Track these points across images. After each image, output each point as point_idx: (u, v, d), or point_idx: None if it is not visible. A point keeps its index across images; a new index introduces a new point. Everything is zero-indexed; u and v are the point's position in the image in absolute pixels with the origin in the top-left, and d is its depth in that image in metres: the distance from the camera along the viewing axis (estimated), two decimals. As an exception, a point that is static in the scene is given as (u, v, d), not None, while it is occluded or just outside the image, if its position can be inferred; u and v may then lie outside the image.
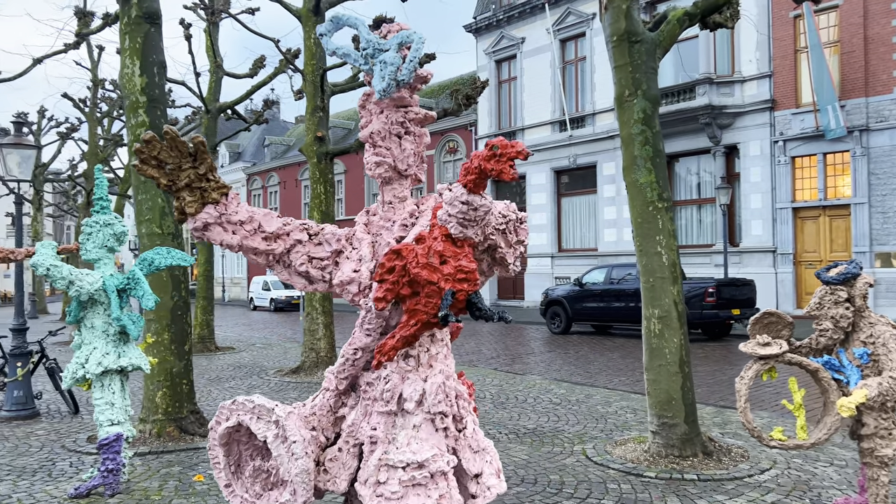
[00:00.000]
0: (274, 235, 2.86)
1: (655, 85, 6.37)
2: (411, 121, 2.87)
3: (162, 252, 5.32)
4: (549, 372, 11.27)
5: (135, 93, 6.88)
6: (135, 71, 6.89)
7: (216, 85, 16.17)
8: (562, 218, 25.12)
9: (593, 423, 7.47)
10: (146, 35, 6.95)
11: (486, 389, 9.54)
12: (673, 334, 6.07)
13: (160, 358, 6.86)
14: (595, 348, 14.42)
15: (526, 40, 25.72)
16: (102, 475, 5.01)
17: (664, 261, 6.15)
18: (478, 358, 13.16)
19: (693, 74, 20.19)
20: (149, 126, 6.91)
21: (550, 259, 25.02)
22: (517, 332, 18.59)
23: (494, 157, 2.12)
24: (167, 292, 6.94)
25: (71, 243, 5.87)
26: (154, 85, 6.98)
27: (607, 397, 8.89)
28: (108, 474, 5.00)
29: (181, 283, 7.10)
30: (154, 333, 6.89)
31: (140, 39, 6.92)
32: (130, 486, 5.28)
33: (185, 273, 7.17)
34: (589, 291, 16.98)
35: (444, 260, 2.27)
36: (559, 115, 24.45)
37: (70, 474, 5.66)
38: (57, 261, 4.94)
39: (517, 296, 26.46)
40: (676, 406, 5.98)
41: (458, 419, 2.88)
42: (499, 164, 2.12)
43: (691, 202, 21.49)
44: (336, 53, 2.87)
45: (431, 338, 2.76)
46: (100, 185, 5.18)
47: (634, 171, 6.32)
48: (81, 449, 6.47)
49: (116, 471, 5.04)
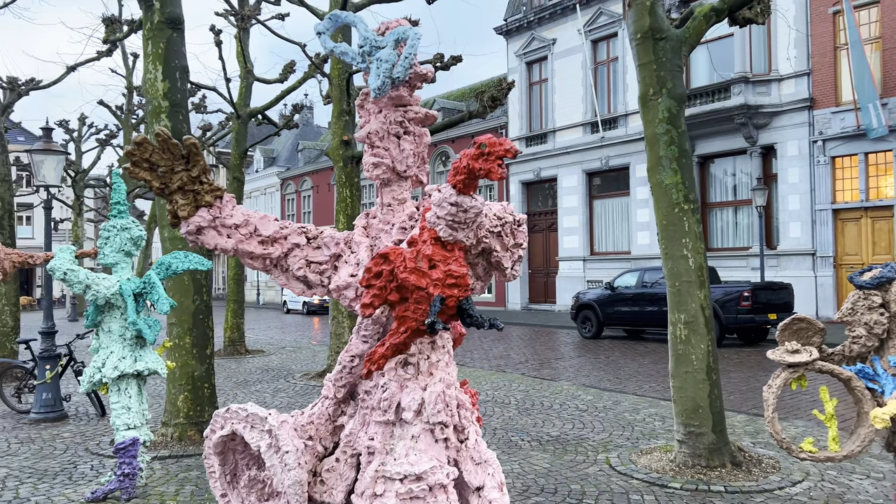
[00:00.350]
0: (271, 239, 2.79)
1: (681, 83, 6.19)
2: (411, 120, 2.77)
3: (179, 256, 5.31)
4: (578, 377, 11.07)
5: (157, 97, 6.92)
6: (157, 76, 6.93)
7: (247, 90, 16.31)
8: (594, 220, 24.80)
9: (619, 430, 7.28)
10: (168, 40, 6.98)
11: (511, 395, 9.40)
12: (700, 340, 5.88)
13: (182, 362, 6.88)
14: (626, 353, 14.15)
15: (557, 41, 25.50)
16: (119, 479, 5.01)
17: (690, 264, 5.96)
18: (506, 363, 13.01)
19: (728, 73, 19.76)
20: (171, 131, 6.94)
21: (582, 262, 24.71)
22: (547, 336, 18.37)
23: (482, 156, 2.02)
24: (189, 296, 6.96)
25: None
26: (176, 90, 7.01)
27: (636, 404, 8.68)
28: (124, 478, 5.00)
29: (203, 286, 7.12)
30: (176, 337, 6.91)
31: (162, 45, 6.96)
32: (147, 491, 5.28)
33: (208, 277, 7.19)
34: (620, 295, 16.69)
35: (434, 264, 2.17)
36: (591, 117, 24.16)
37: (90, 477, 5.68)
38: (74, 265, 4.96)
39: (549, 299, 26.20)
40: (703, 414, 5.78)
41: (460, 430, 2.77)
42: (487, 162, 2.01)
43: (727, 204, 21.03)
44: (334, 52, 2.79)
45: (432, 345, 2.66)
46: (117, 189, 5.20)
47: (659, 171, 6.15)
48: (104, 452, 6.51)
49: (133, 475, 5.04)
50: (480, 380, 10.77)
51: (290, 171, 42.44)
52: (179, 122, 7.02)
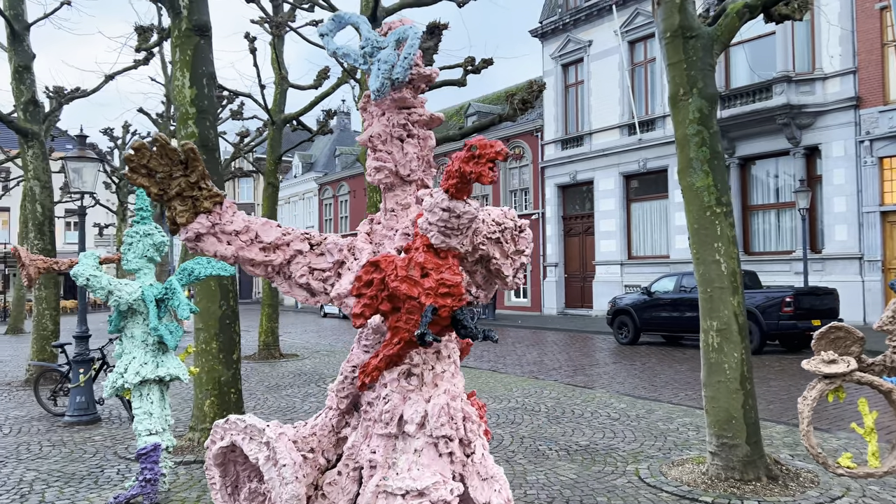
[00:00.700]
0: (272, 246, 2.72)
1: (713, 82, 5.99)
2: (415, 123, 2.68)
3: (202, 262, 5.31)
4: (612, 385, 10.84)
5: (185, 104, 6.98)
6: (185, 83, 6.98)
7: (281, 97, 16.46)
8: (631, 224, 24.41)
9: (651, 440, 7.07)
10: (196, 47, 7.03)
11: (542, 402, 9.24)
12: (733, 348, 5.66)
13: (208, 367, 6.91)
14: (663, 360, 13.84)
15: (593, 43, 25.21)
16: (140, 485, 5.02)
17: (723, 269, 5.75)
18: (539, 369, 12.83)
19: (769, 73, 19.25)
20: (198, 137, 6.99)
21: (620, 267, 24.34)
22: (583, 342, 18.11)
23: (473, 159, 1.92)
24: (215, 301, 6.98)
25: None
26: (203, 96, 7.05)
27: (670, 413, 8.44)
28: (145, 484, 5.01)
29: (230, 291, 7.14)
30: (202, 342, 6.94)
31: (190, 52, 7.01)
32: (169, 497, 5.29)
33: (234, 282, 7.21)
34: (658, 300, 16.35)
35: (426, 273, 2.07)
36: (628, 119, 23.81)
37: (115, 482, 5.72)
38: (97, 271, 5.00)
39: (585, 304, 25.86)
40: (737, 425, 5.56)
41: (466, 443, 2.66)
42: (478, 165, 1.91)
43: (769, 206, 20.47)
44: (336, 54, 2.72)
45: (437, 355, 2.57)
46: (140, 196, 5.22)
47: (690, 174, 5.95)
48: (131, 456, 6.56)
49: (154, 480, 5.05)
50: (511, 386, 10.63)
51: (328, 177, 42.82)
52: (206, 129, 7.06)
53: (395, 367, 2.36)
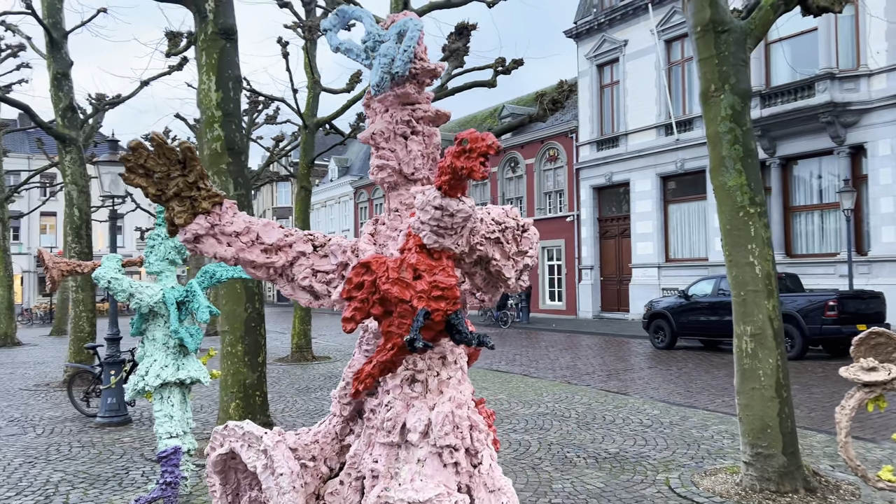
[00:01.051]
0: (274, 247, 2.64)
1: (746, 78, 5.77)
2: (419, 119, 2.58)
3: (224, 264, 5.30)
4: (646, 390, 10.59)
5: (210, 108, 7.00)
6: (211, 86, 7.01)
7: (314, 101, 16.54)
8: (669, 226, 23.95)
9: (684, 448, 6.85)
10: (222, 51, 7.06)
11: (573, 408, 9.05)
12: (768, 354, 5.43)
13: (233, 369, 6.91)
14: (700, 365, 13.50)
15: (629, 43, 24.84)
16: (161, 488, 5.01)
17: (757, 272, 5.52)
18: (572, 373, 12.62)
19: (812, 70, 18.70)
20: (224, 140, 7.01)
21: (657, 269, 23.90)
22: (618, 346, 17.80)
23: (464, 153, 1.81)
24: (241, 304, 6.99)
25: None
26: (229, 100, 7.07)
27: (705, 420, 8.19)
28: (166, 487, 5.00)
29: (255, 294, 7.14)
30: (228, 345, 6.95)
31: (216, 55, 7.03)
32: (190, 500, 5.27)
33: (259, 285, 7.21)
34: (695, 304, 15.98)
35: (419, 274, 1.96)
36: (665, 119, 23.38)
37: (139, 484, 5.74)
38: (118, 274, 5.01)
39: (622, 307, 25.46)
40: (772, 435, 5.33)
41: (473, 453, 2.54)
42: (469, 160, 1.80)
43: (812, 207, 19.88)
44: (339, 49, 2.64)
45: (442, 360, 2.46)
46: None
47: (722, 173, 5.75)
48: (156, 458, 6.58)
49: (175, 484, 5.03)
50: (542, 391, 10.46)
51: (364, 180, 43.04)
52: (232, 132, 7.08)
53: (389, 373, 2.26)
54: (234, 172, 7.06)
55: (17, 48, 20.40)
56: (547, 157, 29.06)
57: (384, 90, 2.42)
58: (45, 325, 32.80)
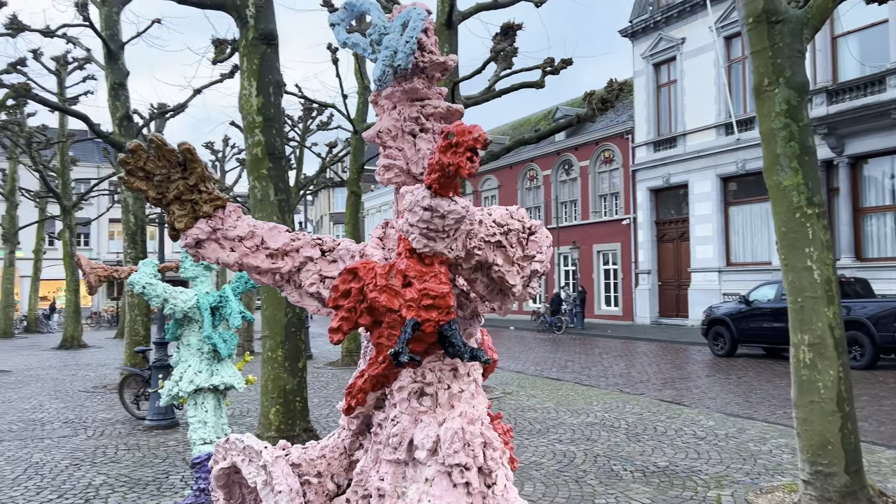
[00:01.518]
0: (280, 252, 2.53)
1: (802, 70, 5.41)
2: (429, 116, 2.43)
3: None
4: (703, 400, 10.16)
5: (251, 113, 7.01)
6: (252, 92, 7.02)
7: (364, 106, 16.60)
8: (730, 229, 23.14)
9: (739, 463, 6.49)
10: (262, 56, 7.06)
11: (623, 418, 8.73)
12: (828, 365, 5.06)
13: (273, 375, 6.89)
14: (761, 374, 12.91)
15: (686, 40, 24.15)
16: (195, 494, 4.99)
17: (816, 277, 5.16)
18: (625, 382, 12.24)
19: (882, 64, 17.76)
20: (265, 145, 7.01)
21: (717, 274, 23.11)
22: (676, 353, 17.24)
23: (450, 148, 1.64)
24: (281, 309, 6.97)
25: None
26: (270, 104, 7.07)
27: (764, 432, 7.77)
28: (199, 493, 4.97)
29: (296, 300, 7.10)
30: (268, 350, 6.93)
31: (257, 60, 7.05)
32: (225, 506, 5.23)
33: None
34: (757, 309, 15.33)
35: (408, 282, 1.81)
36: (725, 118, 22.62)
37: (177, 489, 5.75)
38: (153, 279, 5.02)
39: (680, 313, 24.72)
40: (834, 452, 4.96)
41: (487, 473, 2.36)
42: (455, 155, 1.63)
43: (884, 209, 18.86)
44: (347, 44, 2.51)
45: (454, 373, 2.29)
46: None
47: (777, 171, 5.41)
48: (198, 463, 6.61)
49: (208, 490, 5.00)
50: (592, 399, 10.15)
51: (418, 185, 43.13)
52: (273, 137, 7.07)
53: (383, 388, 2.11)
54: (275, 177, 7.05)
55: (83, 61, 21.17)
56: (602, 159, 28.51)
57: (386, 84, 2.28)
58: (111, 328, 33.98)
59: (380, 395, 2.45)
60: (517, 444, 7.38)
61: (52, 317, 35.75)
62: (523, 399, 10.27)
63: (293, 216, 7.18)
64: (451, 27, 11.47)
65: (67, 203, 22.84)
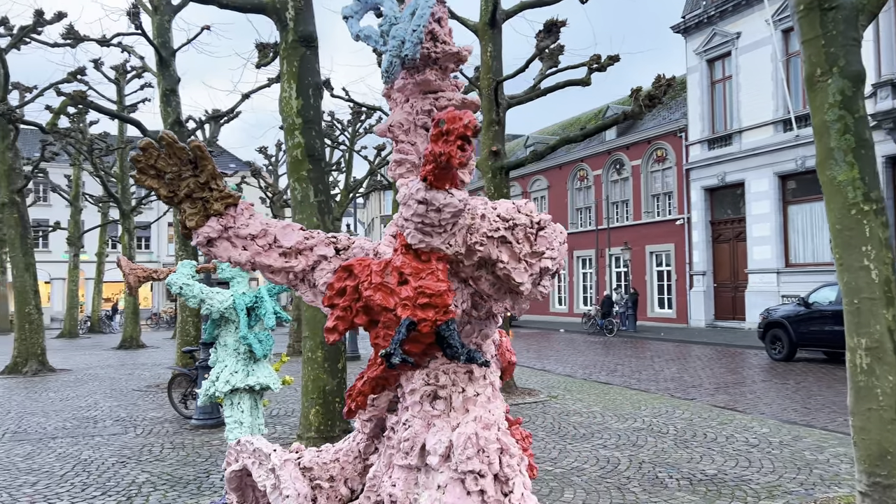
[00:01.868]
0: (293, 251, 2.47)
1: (858, 59, 5.12)
2: (443, 109, 2.34)
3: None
4: (757, 406, 9.78)
5: (291, 115, 7.05)
6: (292, 94, 7.06)
7: (410, 108, 16.58)
8: (788, 229, 22.34)
9: (793, 472, 6.19)
10: (302, 58, 7.10)
11: (672, 423, 8.46)
12: (888, 371, 4.76)
13: (313, 375, 6.90)
14: (822, 379, 12.38)
15: (742, 35, 23.44)
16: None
17: (873, 277, 4.87)
18: (676, 386, 11.90)
19: (953, 53, 16.87)
20: (304, 147, 7.04)
21: (776, 275, 22.33)
22: (731, 357, 16.71)
23: (442, 136, 1.55)
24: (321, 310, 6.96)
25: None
26: (309, 106, 7.10)
27: (821, 441, 7.41)
28: (235, 493, 4.99)
29: (335, 301, 7.10)
30: (308, 350, 6.95)
31: (296, 63, 7.08)
32: (261, 507, 5.24)
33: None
34: (817, 312, 14.72)
35: (404, 279, 1.72)
36: (783, 114, 21.86)
37: (216, 488, 5.80)
38: (190, 280, 5.07)
39: (737, 316, 23.98)
40: (893, 462, 4.67)
41: (503, 481, 2.26)
42: (446, 144, 1.54)
43: (955, 206, 17.91)
44: (360, 37, 2.45)
45: (469, 375, 2.20)
46: (233, 205, 5.24)
47: (831, 166, 5.12)
48: (239, 462, 6.66)
49: (244, 490, 5.01)
50: (641, 404, 9.88)
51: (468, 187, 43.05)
52: (312, 139, 7.10)
53: (383, 390, 2.03)
54: (315, 179, 7.07)
55: (140, 69, 21.81)
56: (654, 158, 27.91)
57: (394, 77, 2.20)
58: (170, 329, 34.94)
59: (392, 398, 2.38)
60: (559, 448, 7.22)
61: (115, 318, 36.96)
62: (569, 403, 10.08)
63: (333, 217, 7.18)
64: (495, 26, 11.36)
65: (126, 207, 23.58)
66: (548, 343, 22.10)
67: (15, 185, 14.97)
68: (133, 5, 12.63)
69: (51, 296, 45.08)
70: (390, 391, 2.35)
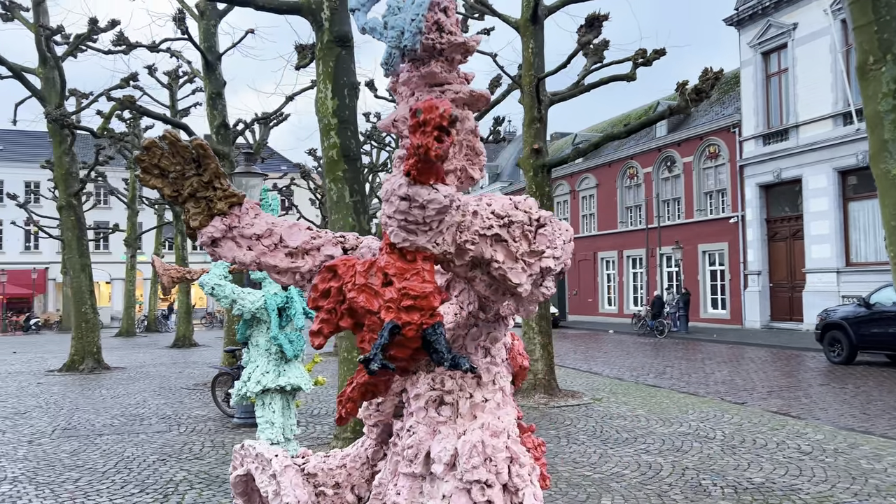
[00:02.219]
0: (300, 251, 2.41)
1: (914, 44, 4.81)
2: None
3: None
4: (812, 411, 9.38)
5: (327, 115, 7.04)
6: (327, 94, 7.05)
7: (453, 107, 16.52)
8: (849, 226, 21.46)
9: (846, 482, 5.88)
10: (337, 58, 7.09)
11: (719, 428, 8.17)
12: (948, 377, 4.46)
13: (349, 376, 6.87)
14: (883, 384, 11.81)
15: (798, 26, 22.63)
16: (262, 494, 5.01)
17: (932, 277, 4.57)
18: (727, 389, 11.52)
19: None
20: (340, 147, 7.03)
21: (835, 275, 21.48)
22: (787, 360, 16.13)
23: (419, 128, 1.45)
24: (356, 311, 6.94)
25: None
26: (344, 107, 7.08)
27: (879, 448, 7.04)
28: (266, 494, 4.99)
29: (371, 301, 7.07)
30: (345, 351, 6.94)
31: (332, 63, 7.08)
32: (293, 507, 5.24)
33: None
34: (879, 313, 14.07)
35: (389, 280, 1.63)
36: (843, 107, 21.02)
37: (251, 488, 5.82)
38: (222, 280, 5.09)
39: (794, 317, 23.16)
40: (954, 476, 4.37)
41: (513, 491, 2.15)
42: (424, 136, 1.44)
43: None
44: (365, 30, 2.37)
45: (477, 380, 2.11)
46: (265, 206, 5.26)
47: (885, 159, 4.83)
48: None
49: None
50: (688, 408, 9.58)
51: (513, 186, 42.80)
52: (348, 139, 7.08)
53: (373, 397, 1.95)
54: (350, 179, 7.06)
55: (192, 75, 22.32)
56: (707, 155, 27.19)
57: (393, 69, 2.11)
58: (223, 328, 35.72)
59: (399, 403, 2.30)
60: (599, 453, 7.03)
61: (170, 317, 37.98)
62: (613, 406, 9.84)
63: (369, 217, 7.16)
64: (537, 22, 11.20)
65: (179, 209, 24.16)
66: (596, 344, 21.74)
67: (72, 189, 15.48)
68: (179, 10, 12.91)
69: (111, 296, 46.63)
70: (394, 396, 2.27)
